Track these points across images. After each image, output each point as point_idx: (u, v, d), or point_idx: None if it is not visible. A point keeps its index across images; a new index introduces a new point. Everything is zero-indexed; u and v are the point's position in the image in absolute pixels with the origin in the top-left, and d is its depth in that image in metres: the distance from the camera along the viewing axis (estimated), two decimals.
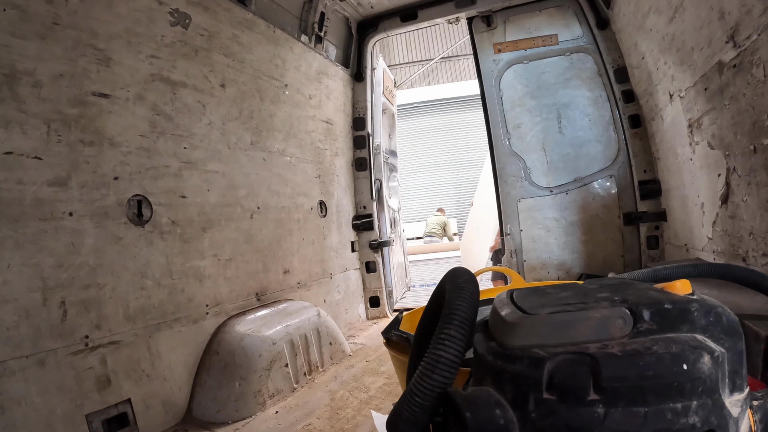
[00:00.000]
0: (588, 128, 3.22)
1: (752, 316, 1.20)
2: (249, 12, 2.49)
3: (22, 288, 1.47)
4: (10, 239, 1.44)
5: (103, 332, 1.69)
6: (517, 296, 0.67)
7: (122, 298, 1.78)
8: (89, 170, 1.70)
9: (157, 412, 1.86)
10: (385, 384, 2.16)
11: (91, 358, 1.64)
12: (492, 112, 3.42)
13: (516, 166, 3.37)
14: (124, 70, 1.83)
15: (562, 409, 0.51)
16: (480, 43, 3.46)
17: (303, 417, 1.86)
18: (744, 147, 1.66)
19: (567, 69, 3.25)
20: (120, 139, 1.81)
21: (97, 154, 1.73)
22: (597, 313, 0.56)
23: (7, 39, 1.44)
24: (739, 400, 0.55)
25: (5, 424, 1.37)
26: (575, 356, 0.52)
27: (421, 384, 0.60)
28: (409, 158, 10.82)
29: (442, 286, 0.77)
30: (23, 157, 1.49)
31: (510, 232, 3.38)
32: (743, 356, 0.57)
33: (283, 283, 2.74)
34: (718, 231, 2.02)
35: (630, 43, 2.83)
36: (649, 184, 3.01)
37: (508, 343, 0.58)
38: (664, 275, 0.88)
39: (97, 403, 1.64)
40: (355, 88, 3.87)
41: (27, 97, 1.50)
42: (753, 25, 1.46)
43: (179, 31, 2.05)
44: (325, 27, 3.25)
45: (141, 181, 1.89)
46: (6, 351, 1.40)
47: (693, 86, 2.04)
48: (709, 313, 0.56)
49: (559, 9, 3.26)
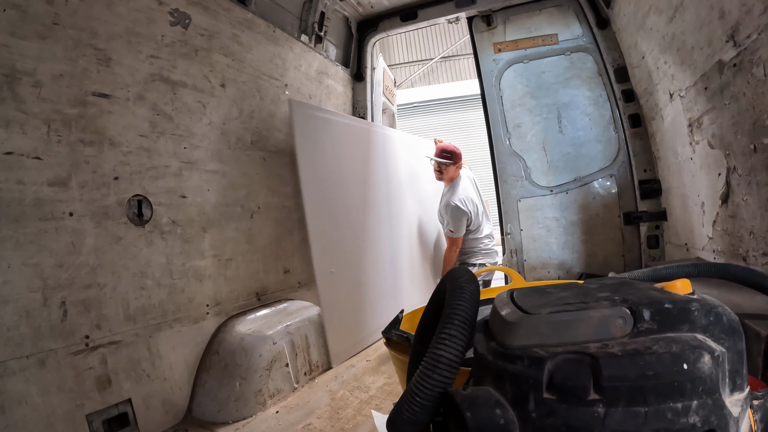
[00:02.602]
0: (588, 128, 3.22)
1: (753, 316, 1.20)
2: (249, 12, 2.49)
3: (23, 288, 1.47)
4: (10, 239, 1.44)
5: (104, 332, 1.70)
6: (518, 296, 0.67)
7: (122, 297, 1.79)
8: (89, 170, 1.70)
9: (157, 412, 1.86)
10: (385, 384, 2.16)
11: (92, 358, 1.64)
12: (492, 111, 3.42)
13: (516, 165, 3.37)
14: (124, 70, 1.83)
15: (563, 408, 0.51)
16: (480, 43, 3.46)
17: (303, 417, 1.86)
18: (744, 146, 1.66)
19: (567, 68, 3.25)
20: (120, 139, 1.82)
21: (98, 154, 1.73)
22: (597, 313, 0.56)
23: (8, 39, 1.44)
24: (740, 399, 0.55)
25: (6, 423, 1.38)
26: (575, 356, 0.52)
27: (421, 384, 0.60)
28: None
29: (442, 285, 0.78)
30: (23, 157, 1.49)
31: (510, 231, 3.38)
32: (743, 356, 0.57)
33: (283, 283, 2.74)
34: (719, 230, 2.02)
35: (630, 42, 2.83)
36: (649, 184, 3.01)
37: (508, 342, 0.58)
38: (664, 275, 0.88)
39: (98, 403, 1.64)
40: (356, 87, 3.87)
41: (27, 97, 1.50)
42: (753, 24, 1.46)
43: (179, 31, 2.05)
44: (325, 27, 3.25)
45: (141, 181, 1.89)
46: (6, 351, 1.41)
47: (693, 86, 2.04)
48: (710, 313, 0.56)
49: (559, 8, 3.26)
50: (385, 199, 3.46)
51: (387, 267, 3.36)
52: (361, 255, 3.03)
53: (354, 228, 3.00)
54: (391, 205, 3.53)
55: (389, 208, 3.49)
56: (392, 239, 3.48)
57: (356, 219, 3.03)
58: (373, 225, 3.24)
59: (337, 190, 2.83)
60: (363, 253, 3.06)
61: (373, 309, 3.01)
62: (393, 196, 3.59)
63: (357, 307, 2.89)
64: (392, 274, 3.39)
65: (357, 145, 3.22)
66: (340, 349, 2.60)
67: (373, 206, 3.29)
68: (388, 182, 3.50)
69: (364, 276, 3.01)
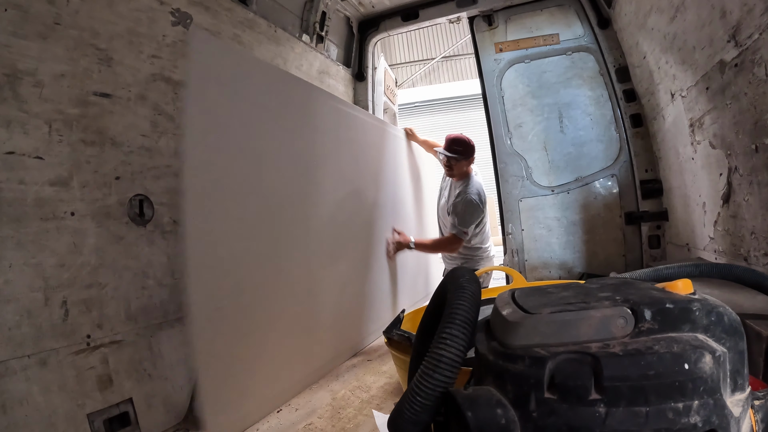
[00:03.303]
0: (589, 128, 3.22)
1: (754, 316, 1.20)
2: (250, 12, 2.49)
3: (24, 287, 1.47)
4: (11, 239, 1.45)
5: (105, 332, 1.70)
6: (519, 296, 0.67)
7: (124, 297, 1.79)
8: (91, 170, 1.70)
9: (158, 411, 1.86)
10: (386, 383, 2.16)
11: (93, 358, 1.65)
12: (493, 111, 3.42)
13: (517, 165, 3.37)
14: (126, 70, 1.83)
15: (564, 408, 0.51)
16: (481, 43, 3.46)
17: (304, 416, 1.86)
18: (745, 146, 1.66)
19: (568, 68, 3.25)
20: (121, 139, 1.82)
21: (99, 153, 1.73)
22: (598, 313, 0.56)
23: (9, 39, 1.44)
24: (741, 399, 0.55)
25: (7, 423, 1.38)
26: (577, 356, 0.53)
27: (422, 383, 0.61)
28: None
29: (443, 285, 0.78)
30: (25, 156, 1.49)
31: (511, 231, 3.38)
32: (745, 356, 0.57)
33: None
34: (720, 230, 2.02)
35: (631, 42, 2.83)
36: (650, 184, 3.01)
37: (509, 342, 0.58)
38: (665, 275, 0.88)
39: (99, 402, 1.64)
40: (357, 87, 3.87)
41: (28, 97, 1.50)
42: (754, 24, 1.46)
43: (180, 30, 2.06)
44: (327, 26, 3.25)
45: (143, 180, 1.89)
46: (8, 350, 1.41)
47: (694, 85, 2.04)
48: (711, 313, 0.56)
49: (561, 8, 3.26)
50: (351, 192, 2.63)
51: (336, 297, 2.42)
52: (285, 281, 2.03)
53: (280, 234, 2.01)
54: (362, 200, 2.76)
55: (355, 206, 2.66)
56: (354, 256, 2.64)
57: (281, 220, 2.03)
58: (322, 230, 2.31)
59: (253, 170, 1.86)
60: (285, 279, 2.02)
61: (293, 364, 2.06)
62: (362, 189, 2.76)
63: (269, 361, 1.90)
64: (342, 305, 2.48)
65: (304, 109, 2.24)
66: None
67: (323, 200, 2.33)
68: (355, 170, 2.69)
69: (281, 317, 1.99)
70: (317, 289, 2.29)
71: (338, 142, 2.58)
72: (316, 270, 2.29)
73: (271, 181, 1.98)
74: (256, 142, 1.91)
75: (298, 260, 2.13)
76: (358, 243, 2.76)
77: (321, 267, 2.33)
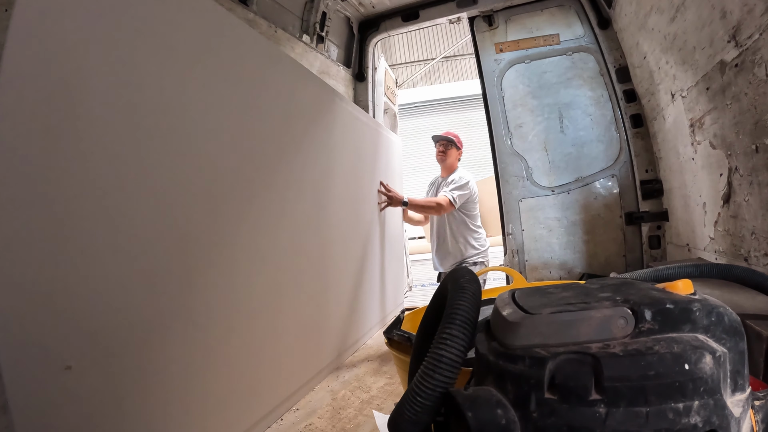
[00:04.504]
0: (590, 128, 3.22)
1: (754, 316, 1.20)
2: (250, 12, 2.49)
3: None
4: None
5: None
6: (519, 296, 0.67)
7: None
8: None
9: None
10: (386, 384, 2.16)
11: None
12: (493, 111, 3.42)
13: (518, 165, 3.37)
14: None
15: (564, 408, 0.51)
16: (481, 43, 3.46)
17: (305, 416, 1.87)
18: (746, 147, 1.66)
19: (568, 68, 3.25)
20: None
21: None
22: (599, 313, 0.56)
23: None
24: (741, 400, 0.55)
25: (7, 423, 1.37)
26: (577, 356, 0.53)
27: (422, 384, 0.61)
28: (411, 157, 10.80)
29: (444, 285, 0.78)
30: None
31: (512, 231, 3.38)
32: (745, 356, 0.57)
33: None
34: (720, 231, 2.02)
35: (632, 42, 2.83)
36: (650, 184, 3.01)
37: (509, 342, 0.58)
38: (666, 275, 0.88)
39: None
40: (357, 88, 3.87)
41: None
42: (755, 24, 1.46)
43: None
44: (327, 27, 3.25)
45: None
46: None
47: (695, 86, 2.04)
48: (711, 313, 0.56)
49: (561, 8, 3.26)
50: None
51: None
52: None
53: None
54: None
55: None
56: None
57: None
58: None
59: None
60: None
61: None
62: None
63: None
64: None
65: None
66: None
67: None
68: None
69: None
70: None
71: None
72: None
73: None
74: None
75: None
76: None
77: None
